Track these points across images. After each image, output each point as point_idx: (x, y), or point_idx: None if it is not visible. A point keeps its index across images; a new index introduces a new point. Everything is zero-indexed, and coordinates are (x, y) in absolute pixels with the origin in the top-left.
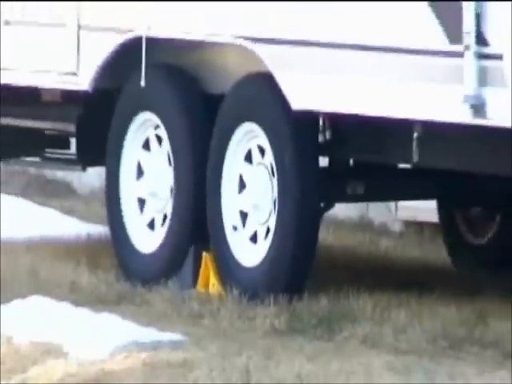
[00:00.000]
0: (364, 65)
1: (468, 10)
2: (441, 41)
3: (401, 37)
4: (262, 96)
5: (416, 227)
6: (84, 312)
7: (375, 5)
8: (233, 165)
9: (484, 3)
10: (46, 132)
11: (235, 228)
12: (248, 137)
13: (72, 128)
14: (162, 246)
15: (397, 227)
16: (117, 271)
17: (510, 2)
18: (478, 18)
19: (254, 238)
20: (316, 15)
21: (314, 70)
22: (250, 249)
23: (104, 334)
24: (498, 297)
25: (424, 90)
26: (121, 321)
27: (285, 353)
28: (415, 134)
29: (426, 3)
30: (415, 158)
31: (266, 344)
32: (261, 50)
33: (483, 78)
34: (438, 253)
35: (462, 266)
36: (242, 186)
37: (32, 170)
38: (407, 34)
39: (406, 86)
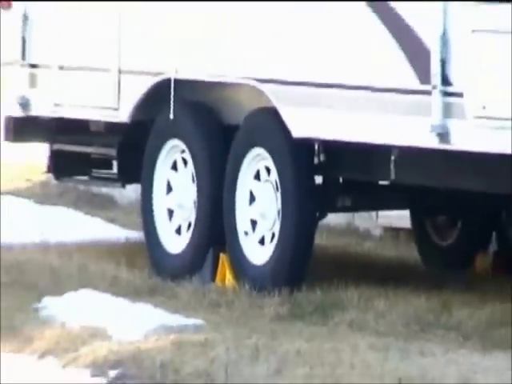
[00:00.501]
0: (351, 100)
1: (435, 57)
2: (413, 81)
3: (382, 78)
4: (268, 126)
5: (393, 232)
6: (123, 302)
7: (362, 51)
8: (245, 182)
9: (448, 51)
10: (92, 155)
11: (246, 233)
12: (257, 159)
13: (114, 152)
14: (186, 248)
15: (377, 232)
16: (150, 269)
17: (467, 52)
18: (443, 63)
19: (262, 241)
20: (311, 60)
21: (310, 105)
22: (258, 250)
23: (139, 320)
24: (459, 289)
25: (399, 121)
26: (153, 309)
27: (287, 335)
28: (392, 157)
29: (402, 54)
30: (392, 175)
31: (271, 328)
32: (267, 89)
33: (447, 112)
34: (410, 253)
35: (431, 263)
36: (252, 199)
37: (81, 187)
38: (387, 76)
39: (385, 117)
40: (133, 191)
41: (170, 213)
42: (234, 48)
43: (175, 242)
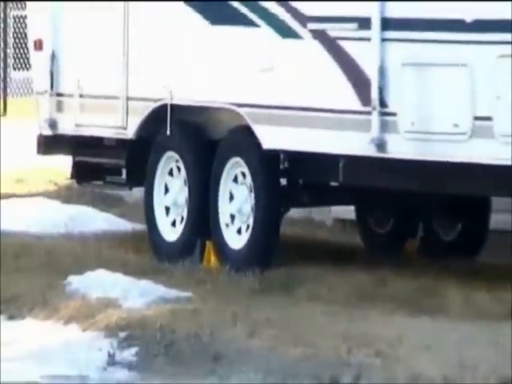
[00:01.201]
0: (308, 119)
1: (374, 85)
2: (357, 104)
3: (333, 101)
4: (243, 140)
5: (341, 223)
6: (131, 279)
7: (317, 80)
8: (226, 184)
9: (385, 79)
10: (106, 165)
11: (227, 225)
12: (235, 166)
13: (123, 162)
14: (180, 237)
15: (329, 223)
16: (151, 253)
17: (399, 81)
18: (381, 89)
19: (239, 231)
20: (276, 89)
21: (276, 123)
22: (236, 238)
23: (143, 293)
24: (393, 267)
25: (346, 135)
26: (154, 285)
27: (259, 305)
28: (341, 163)
29: (348, 82)
30: (341, 178)
31: (246, 299)
32: (243, 111)
33: (384, 127)
34: (355, 239)
35: (371, 247)
36: (231, 198)
37: (97, 189)
38: (337, 100)
39: (335, 132)
40: (138, 192)
41: (167, 209)
42: (217, 80)
43: (171, 233)
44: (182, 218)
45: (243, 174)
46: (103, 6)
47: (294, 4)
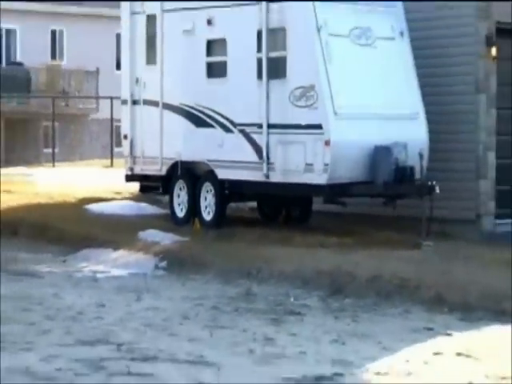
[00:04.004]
0: (238, 166)
1: (264, 151)
2: (257, 159)
3: (248, 158)
4: (211, 175)
5: (252, 209)
6: (164, 233)
7: (237, 150)
8: (203, 193)
9: (269, 148)
10: (153, 185)
11: (204, 210)
12: (207, 185)
13: (160, 184)
14: (184, 215)
15: (247, 208)
16: (171, 223)
17: (279, 151)
18: (267, 152)
19: (208, 213)
20: (223, 154)
21: (224, 168)
22: (208, 216)
23: (169, 238)
24: (273, 227)
25: (253, 172)
26: (173, 235)
27: (216, 244)
28: (249, 184)
29: (253, 150)
30: (251, 190)
31: (211, 241)
32: (210, 163)
33: (268, 169)
34: (257, 216)
35: (265, 219)
36: (205, 199)
37: (151, 195)
38: (249, 157)
39: (249, 171)
40: (167, 197)
41: (178, 204)
42: (199, 150)
43: (180, 213)
44: (184, 208)
45: (210, 189)
46: (151, 110)
47: (230, 116)
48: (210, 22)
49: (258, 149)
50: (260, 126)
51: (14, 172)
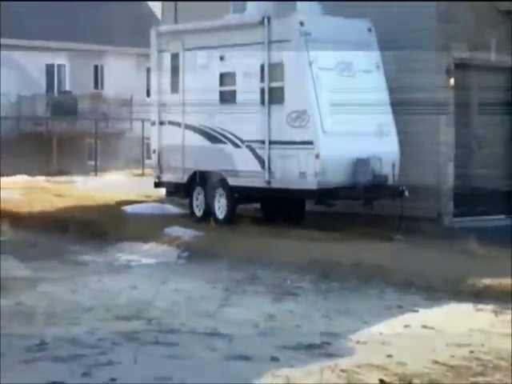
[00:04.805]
0: (244, 175)
1: (266, 161)
2: (260, 168)
3: (252, 168)
4: (223, 182)
5: (255, 209)
6: (185, 229)
7: (244, 164)
8: (217, 197)
9: (270, 159)
10: (177, 191)
11: (217, 210)
12: (220, 190)
13: (183, 189)
14: (202, 215)
15: (251, 209)
16: (191, 221)
17: (277, 160)
18: (269, 164)
19: (221, 212)
20: (233, 165)
21: (235, 176)
22: (221, 215)
23: (189, 234)
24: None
25: (256, 179)
26: (193, 231)
27: (229, 234)
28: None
29: (257, 162)
30: (255, 194)
31: (224, 233)
32: (223, 172)
33: (269, 176)
34: (258, 214)
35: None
36: (219, 201)
37: (173, 198)
38: (253, 167)
39: (253, 178)
40: (188, 200)
41: (197, 206)
42: (214, 161)
43: (198, 213)
44: (202, 208)
45: (223, 194)
46: (175, 129)
47: (238, 135)
48: (222, 58)
49: (261, 160)
50: (263, 142)
51: (63, 180)
